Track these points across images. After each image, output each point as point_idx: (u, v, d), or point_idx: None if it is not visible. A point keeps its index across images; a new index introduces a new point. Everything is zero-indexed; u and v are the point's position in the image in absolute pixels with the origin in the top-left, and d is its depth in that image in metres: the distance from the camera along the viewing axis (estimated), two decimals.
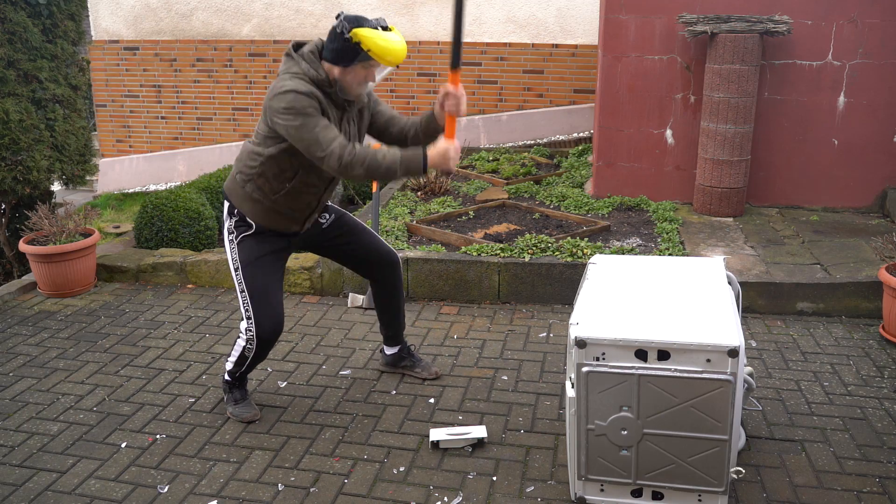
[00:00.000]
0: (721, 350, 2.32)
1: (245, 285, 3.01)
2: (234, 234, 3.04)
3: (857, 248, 4.75)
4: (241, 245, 3.02)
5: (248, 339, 3.05)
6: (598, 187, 5.91)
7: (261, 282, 3.01)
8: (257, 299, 3.01)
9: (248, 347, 3.07)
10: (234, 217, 3.03)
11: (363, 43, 2.72)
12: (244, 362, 3.13)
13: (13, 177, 5.71)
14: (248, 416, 3.22)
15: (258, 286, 3.01)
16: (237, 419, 3.22)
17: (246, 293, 3.01)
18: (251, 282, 3.00)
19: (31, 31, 5.84)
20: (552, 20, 8.01)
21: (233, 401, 3.27)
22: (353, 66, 2.79)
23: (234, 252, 3.03)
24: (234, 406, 3.26)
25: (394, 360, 3.60)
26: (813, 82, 5.37)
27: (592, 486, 2.57)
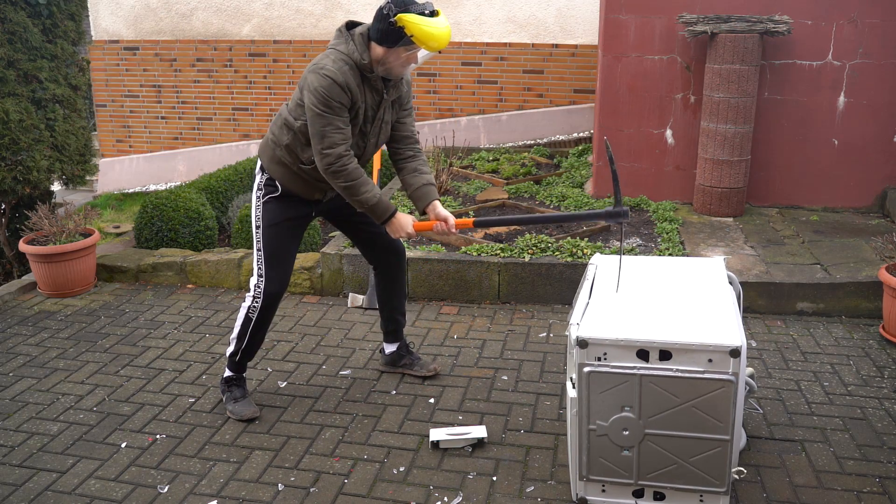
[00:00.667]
0: (723, 350, 2.32)
1: (262, 245, 3.10)
2: (262, 192, 3.10)
3: (857, 248, 4.75)
4: (266, 207, 3.09)
5: (256, 295, 3.13)
6: (598, 187, 5.91)
7: (277, 245, 3.11)
8: (270, 260, 3.10)
9: (254, 306, 3.14)
10: (264, 174, 3.11)
11: (407, 27, 2.76)
12: (248, 327, 3.17)
13: (13, 177, 5.70)
14: (248, 413, 3.22)
15: (274, 249, 3.10)
16: (237, 418, 3.22)
17: (262, 253, 3.10)
18: (269, 243, 3.10)
19: (31, 31, 5.84)
20: (552, 20, 8.01)
21: (232, 399, 3.28)
22: (396, 49, 2.83)
23: (259, 211, 3.10)
24: (234, 404, 3.26)
25: (393, 358, 3.61)
26: (813, 82, 5.37)
27: (594, 487, 2.57)
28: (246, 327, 3.19)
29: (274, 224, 3.09)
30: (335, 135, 2.84)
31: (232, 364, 3.30)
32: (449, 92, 8.41)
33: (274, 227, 3.10)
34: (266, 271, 3.11)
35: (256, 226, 3.11)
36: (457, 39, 8.24)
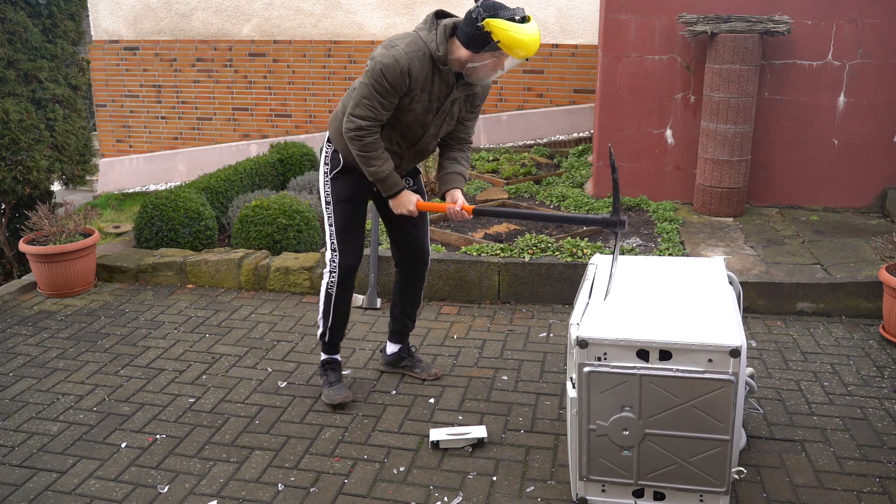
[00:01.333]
0: (723, 350, 2.32)
1: (334, 220, 3.17)
2: (328, 167, 3.17)
3: (857, 248, 4.75)
4: (335, 183, 3.16)
5: (332, 269, 3.20)
6: (598, 187, 5.91)
7: (347, 219, 3.18)
8: (343, 235, 3.18)
9: (331, 281, 3.21)
10: (330, 146, 3.16)
11: (494, 33, 2.70)
12: (330, 302, 3.24)
13: (13, 177, 5.70)
14: (340, 398, 3.28)
15: (345, 223, 3.18)
16: (328, 402, 3.28)
17: (334, 228, 3.18)
18: (339, 218, 3.17)
19: (31, 31, 5.84)
20: (552, 20, 8.01)
21: (327, 384, 3.35)
22: (482, 54, 2.79)
23: (328, 187, 3.17)
24: (328, 388, 3.33)
25: (394, 359, 3.60)
26: (813, 82, 5.37)
27: (594, 487, 2.57)
28: (329, 304, 3.25)
29: (342, 200, 3.16)
30: (369, 111, 2.87)
31: (324, 346, 3.38)
32: None
33: (343, 204, 3.16)
34: (339, 245, 3.18)
35: (326, 202, 3.17)
36: None
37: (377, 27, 8.37)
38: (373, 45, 8.41)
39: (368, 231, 4.90)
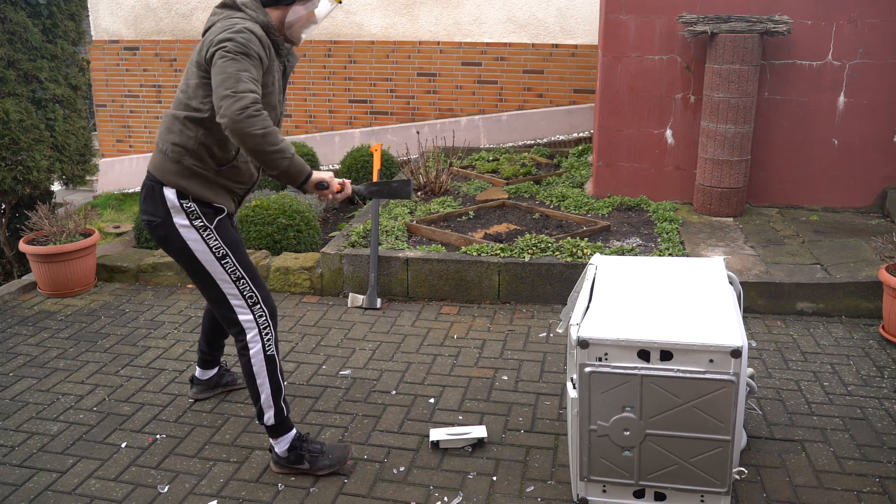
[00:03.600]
0: (724, 350, 2.32)
1: (242, 270, 2.68)
2: (201, 220, 2.63)
3: (857, 248, 4.75)
4: (220, 230, 2.67)
5: (264, 326, 2.71)
6: (598, 187, 5.91)
7: (248, 262, 2.74)
8: (255, 280, 2.72)
9: (268, 341, 2.72)
10: (187, 200, 2.63)
11: None
12: (275, 367, 2.74)
13: (13, 177, 5.70)
14: (349, 453, 2.86)
15: (250, 266, 2.73)
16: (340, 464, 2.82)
17: (245, 278, 2.69)
18: (245, 264, 2.70)
19: (31, 31, 5.84)
20: (552, 20, 8.01)
21: (319, 453, 2.81)
22: (293, 6, 2.63)
23: (215, 239, 2.65)
24: (325, 457, 2.81)
25: (214, 381, 3.39)
26: (813, 82, 5.37)
27: (594, 487, 2.57)
28: (274, 370, 2.73)
29: (236, 243, 2.72)
30: (250, 82, 2.42)
31: (281, 427, 2.78)
32: (449, 92, 8.41)
33: (238, 247, 2.72)
34: (259, 293, 2.72)
35: (221, 255, 2.65)
36: (457, 39, 8.24)
37: (377, 27, 8.37)
38: (373, 45, 8.41)
39: (368, 232, 4.90)
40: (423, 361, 3.74)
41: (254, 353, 2.71)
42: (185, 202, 2.63)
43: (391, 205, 5.69)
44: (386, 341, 3.98)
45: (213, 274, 2.67)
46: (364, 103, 8.64)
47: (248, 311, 2.71)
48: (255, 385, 2.74)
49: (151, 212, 2.69)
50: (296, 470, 2.82)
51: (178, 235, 2.65)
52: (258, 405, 2.76)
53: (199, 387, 3.39)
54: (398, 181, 2.83)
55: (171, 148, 2.62)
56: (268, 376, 2.72)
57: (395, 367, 3.68)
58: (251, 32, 2.50)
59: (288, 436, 2.81)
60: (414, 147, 8.13)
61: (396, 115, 8.58)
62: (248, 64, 2.45)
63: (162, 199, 2.64)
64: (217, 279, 2.68)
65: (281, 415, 2.77)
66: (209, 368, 3.37)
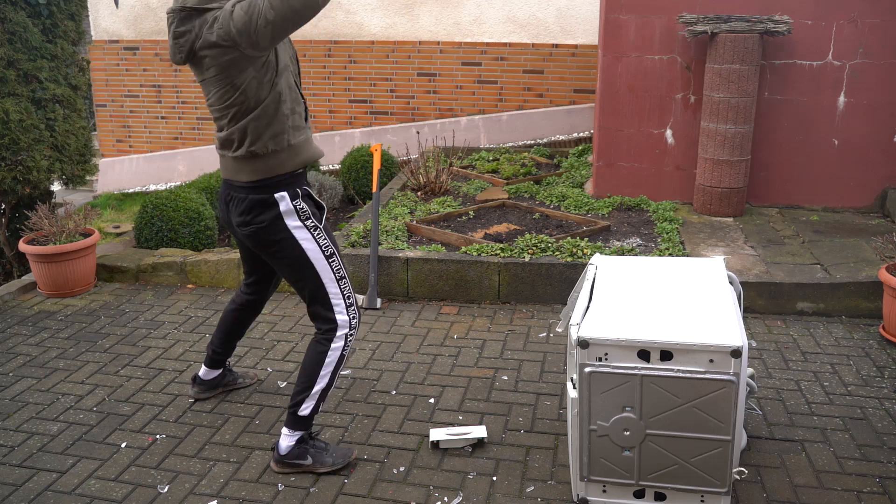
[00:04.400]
0: (724, 350, 2.31)
1: (344, 270, 2.74)
2: (311, 218, 2.67)
3: (857, 248, 4.75)
4: (327, 230, 2.72)
5: (353, 327, 2.76)
6: (598, 187, 5.91)
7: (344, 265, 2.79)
8: (348, 281, 2.78)
9: (349, 342, 2.78)
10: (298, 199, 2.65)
11: None
12: (341, 366, 2.80)
13: (13, 177, 5.70)
14: (353, 454, 2.89)
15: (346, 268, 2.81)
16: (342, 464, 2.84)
17: (346, 278, 2.74)
18: (343, 267, 2.75)
19: (31, 31, 5.84)
20: (552, 20, 8.01)
21: (323, 450, 2.85)
22: None
23: (323, 237, 2.69)
24: (328, 455, 2.84)
25: (215, 382, 3.40)
26: (813, 82, 5.37)
27: (594, 487, 2.57)
28: (338, 370, 2.79)
29: (338, 245, 2.77)
30: None
31: (305, 422, 2.81)
32: (449, 92, 8.41)
33: (337, 251, 2.76)
34: (351, 295, 2.76)
35: (329, 253, 2.70)
36: (457, 39, 8.24)
37: (377, 27, 8.37)
38: (373, 45, 8.41)
39: (368, 232, 4.90)
40: (423, 361, 3.74)
41: (334, 348, 2.75)
42: (298, 201, 2.65)
43: (391, 205, 5.69)
44: (386, 341, 3.98)
45: (321, 272, 2.69)
46: (364, 103, 8.64)
47: (345, 311, 2.75)
48: (315, 375, 2.75)
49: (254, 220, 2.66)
50: (297, 467, 2.82)
51: (292, 237, 2.65)
52: (303, 394, 2.76)
53: (200, 387, 3.39)
54: None
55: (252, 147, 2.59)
56: (332, 373, 2.77)
57: (395, 367, 3.68)
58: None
59: (305, 432, 2.85)
60: (414, 147, 8.13)
61: (396, 115, 8.58)
62: None
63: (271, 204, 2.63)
64: (324, 278, 2.70)
65: (315, 411, 2.81)
66: (215, 368, 3.37)
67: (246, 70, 2.50)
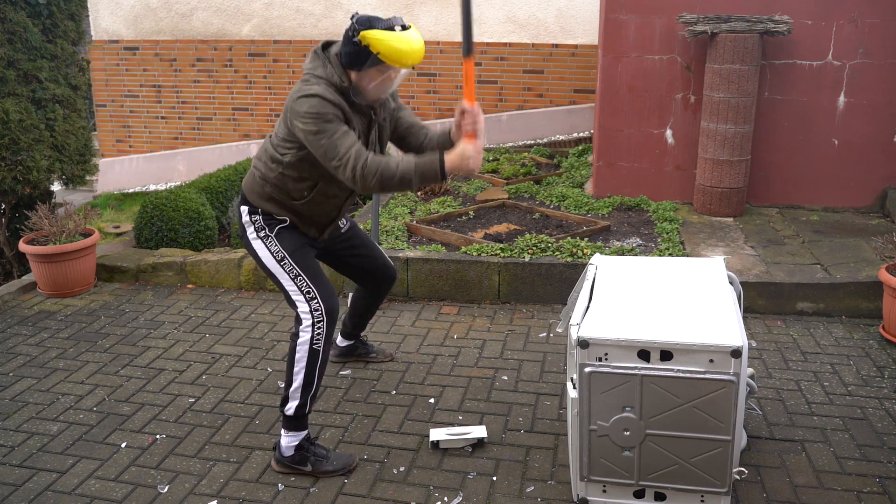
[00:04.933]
0: (724, 350, 2.31)
1: (299, 269, 2.86)
2: (266, 229, 2.88)
3: (857, 248, 4.75)
4: (279, 237, 2.88)
5: (317, 319, 2.80)
6: (598, 187, 5.91)
7: (312, 264, 2.91)
8: (315, 279, 2.86)
9: (318, 335, 2.80)
10: (258, 215, 2.89)
11: (372, 46, 2.57)
12: (316, 362, 2.80)
13: (13, 177, 5.70)
14: (353, 462, 2.89)
15: (311, 267, 2.89)
16: (343, 472, 2.84)
17: (303, 276, 2.85)
18: (304, 265, 2.87)
19: (31, 31, 5.84)
20: (552, 20, 8.01)
21: (323, 458, 2.85)
22: (367, 71, 2.65)
23: (274, 245, 2.87)
24: (328, 463, 2.85)
25: (349, 350, 3.71)
26: (813, 82, 5.37)
27: (594, 487, 2.57)
28: (314, 365, 2.80)
29: (297, 248, 2.89)
30: (345, 139, 2.61)
31: (297, 423, 2.84)
32: (449, 92, 8.41)
33: (299, 251, 2.89)
34: (318, 290, 2.84)
35: (280, 258, 2.86)
36: (457, 39, 8.23)
37: None
38: None
39: (368, 232, 4.89)
40: (423, 361, 3.74)
41: (301, 342, 2.82)
42: (254, 217, 2.91)
43: (391, 205, 5.69)
44: (386, 341, 3.98)
45: (276, 274, 2.90)
46: None
47: (305, 303, 2.84)
48: (291, 371, 2.84)
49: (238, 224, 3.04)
50: (297, 470, 2.83)
51: (251, 245, 2.94)
52: (286, 392, 2.84)
53: (335, 350, 3.68)
54: None
55: (258, 173, 2.89)
56: (305, 368, 2.81)
57: (395, 367, 3.68)
58: (320, 98, 2.62)
59: (299, 434, 2.85)
60: None
61: None
62: (332, 127, 2.62)
63: (240, 213, 2.98)
64: (280, 278, 2.89)
65: (302, 410, 2.83)
66: (348, 339, 3.68)
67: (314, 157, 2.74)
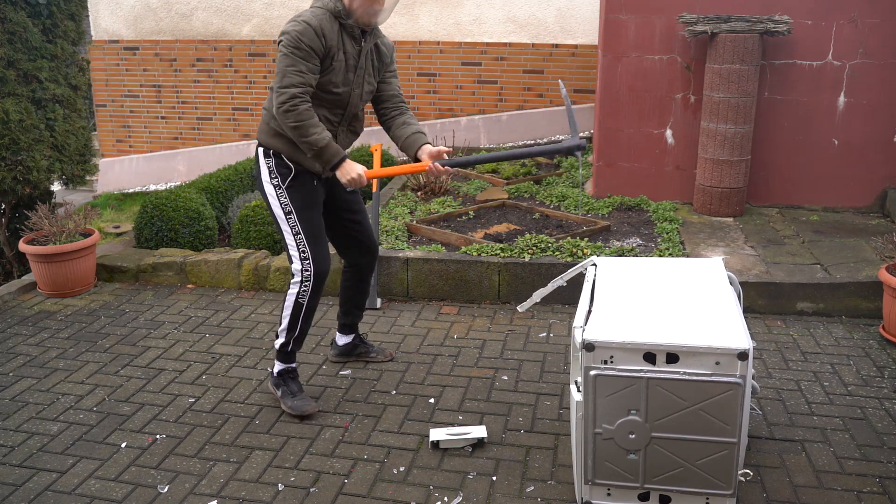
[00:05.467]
0: (730, 353, 2.31)
1: (301, 227, 3.11)
2: (278, 178, 3.10)
3: (857, 248, 4.75)
4: (291, 192, 3.11)
5: (305, 279, 3.12)
6: (598, 187, 5.91)
7: (315, 224, 3.15)
8: (312, 239, 3.12)
9: (304, 291, 3.14)
10: (271, 158, 3.11)
11: None
12: (300, 312, 3.17)
13: (13, 177, 5.70)
14: (309, 409, 3.21)
15: (313, 228, 3.14)
16: (296, 413, 3.19)
17: (302, 235, 3.11)
18: (307, 225, 3.12)
19: (31, 31, 5.84)
20: (552, 20, 8.01)
21: (290, 394, 3.25)
22: None
23: (284, 197, 3.11)
24: (292, 399, 3.24)
25: (347, 349, 3.70)
26: (813, 82, 5.37)
27: (599, 491, 2.56)
28: (297, 314, 3.18)
29: (305, 207, 3.13)
30: (294, 76, 2.89)
31: (284, 356, 3.28)
32: (449, 92, 8.41)
33: (307, 210, 3.13)
34: (312, 251, 3.12)
35: (287, 211, 3.10)
36: (457, 39, 8.24)
37: None
38: None
39: None
40: (423, 361, 3.74)
41: (290, 293, 3.17)
42: (268, 160, 3.12)
43: (391, 205, 5.69)
44: (386, 341, 3.98)
45: (281, 225, 3.15)
46: None
47: (299, 261, 3.14)
48: (281, 314, 3.23)
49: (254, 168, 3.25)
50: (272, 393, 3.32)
51: (263, 189, 3.16)
52: (277, 329, 3.30)
53: (334, 350, 3.72)
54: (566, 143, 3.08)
55: (266, 112, 3.12)
56: (290, 315, 3.18)
57: (395, 367, 3.68)
58: (307, 24, 2.89)
59: (283, 365, 3.29)
60: None
61: None
62: (296, 58, 2.89)
63: (256, 156, 3.18)
64: (283, 229, 3.15)
65: (285, 348, 3.24)
66: (346, 334, 3.69)
67: None
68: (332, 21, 2.96)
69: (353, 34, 3.03)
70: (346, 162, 3.03)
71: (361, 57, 3.09)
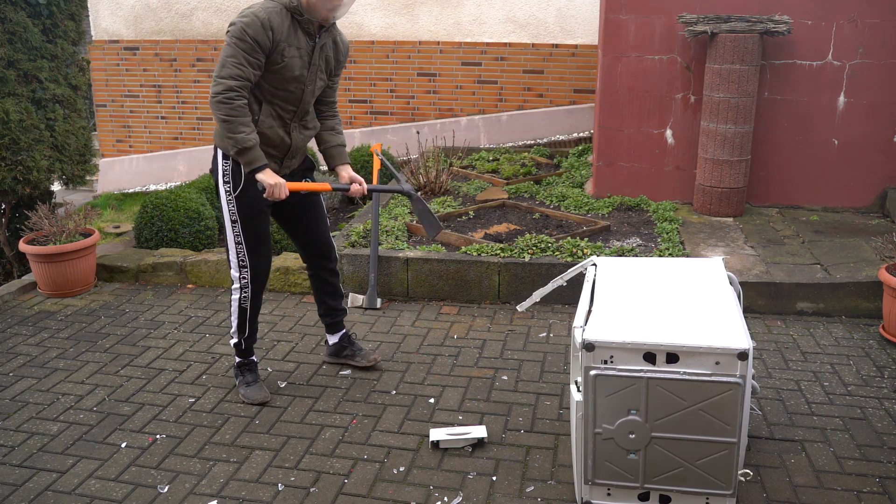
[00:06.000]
0: (731, 353, 2.31)
1: (243, 237, 3.19)
2: (230, 185, 3.12)
3: (857, 248, 4.75)
4: (239, 201, 3.14)
5: (243, 286, 3.26)
6: (598, 187, 5.91)
7: (257, 234, 3.21)
8: (252, 251, 3.22)
9: (244, 297, 3.28)
10: (228, 161, 3.10)
11: None
12: (245, 315, 3.31)
13: (13, 177, 5.70)
14: (259, 397, 3.35)
15: (254, 239, 3.21)
16: (249, 401, 3.34)
17: (243, 245, 3.20)
18: (249, 235, 3.19)
19: (31, 31, 5.84)
20: (552, 20, 8.01)
21: (245, 383, 3.40)
22: None
23: (233, 205, 3.14)
24: (246, 388, 3.38)
25: (337, 349, 3.69)
26: (813, 82, 5.37)
27: (599, 491, 2.56)
28: (244, 317, 3.32)
29: (250, 217, 3.17)
30: (234, 68, 2.88)
31: (240, 352, 3.44)
32: (449, 92, 8.41)
33: (251, 220, 3.17)
34: (250, 260, 3.22)
35: (233, 220, 3.16)
36: (457, 39, 8.24)
37: (377, 27, 8.37)
38: (373, 44, 8.41)
39: (368, 232, 4.90)
40: (423, 361, 3.74)
41: (233, 298, 3.32)
42: (224, 163, 3.11)
43: (391, 205, 5.69)
44: (386, 341, 3.98)
45: (226, 230, 3.22)
46: (364, 103, 8.64)
47: (237, 269, 3.25)
48: (230, 317, 3.43)
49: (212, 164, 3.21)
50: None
51: (218, 189, 3.17)
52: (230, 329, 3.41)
53: (326, 351, 3.74)
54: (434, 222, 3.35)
55: None
56: (237, 318, 3.33)
57: (395, 367, 3.68)
58: (255, 17, 2.87)
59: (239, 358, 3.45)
60: (414, 147, 8.13)
61: (396, 115, 8.58)
62: (238, 49, 2.87)
63: (214, 156, 3.16)
64: (227, 235, 3.22)
65: (239, 347, 3.41)
66: (332, 333, 3.69)
67: None
68: (285, 15, 2.95)
69: (307, 30, 3.02)
70: (265, 171, 3.01)
71: (315, 53, 3.08)
